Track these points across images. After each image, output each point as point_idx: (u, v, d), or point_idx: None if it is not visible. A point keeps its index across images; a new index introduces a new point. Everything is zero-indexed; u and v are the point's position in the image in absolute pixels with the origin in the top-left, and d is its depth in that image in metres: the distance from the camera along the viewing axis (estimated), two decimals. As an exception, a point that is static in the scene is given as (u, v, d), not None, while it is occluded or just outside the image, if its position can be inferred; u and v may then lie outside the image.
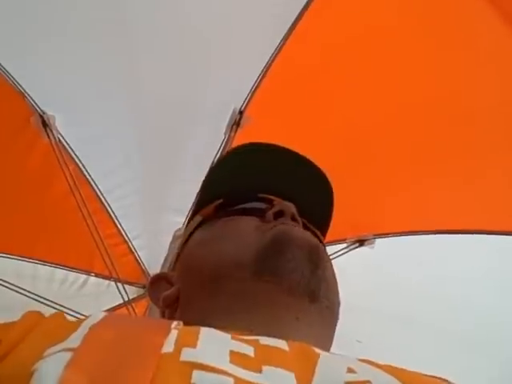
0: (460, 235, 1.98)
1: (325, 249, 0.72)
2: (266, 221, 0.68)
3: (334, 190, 0.79)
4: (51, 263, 2.32)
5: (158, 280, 0.74)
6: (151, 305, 1.88)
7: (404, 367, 0.49)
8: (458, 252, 2.03)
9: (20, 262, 2.24)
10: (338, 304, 0.66)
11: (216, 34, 1.74)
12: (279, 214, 0.68)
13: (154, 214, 2.26)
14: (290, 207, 0.69)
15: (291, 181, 0.76)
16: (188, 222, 0.80)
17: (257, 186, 0.75)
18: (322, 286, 0.61)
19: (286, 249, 0.61)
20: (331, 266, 0.68)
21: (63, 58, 1.77)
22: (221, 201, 0.75)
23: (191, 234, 0.75)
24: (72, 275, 2.39)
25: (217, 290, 0.62)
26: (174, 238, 2.10)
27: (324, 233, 0.79)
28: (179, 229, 1.96)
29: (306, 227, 0.70)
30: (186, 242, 0.75)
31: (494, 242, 1.93)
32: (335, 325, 0.65)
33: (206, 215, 0.75)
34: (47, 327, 0.47)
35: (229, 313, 0.57)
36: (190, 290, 0.66)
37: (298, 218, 0.69)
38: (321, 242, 0.73)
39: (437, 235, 2.02)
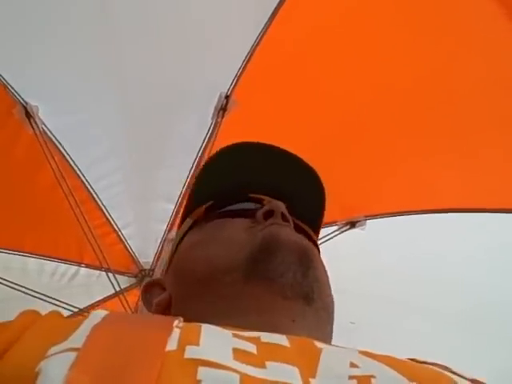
0: (452, 214, 1.99)
1: (317, 247, 0.72)
2: (256, 222, 0.67)
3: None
4: (40, 255, 2.31)
5: (151, 286, 0.74)
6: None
7: (401, 356, 0.49)
8: (451, 231, 2.04)
9: (8, 255, 2.23)
10: (332, 303, 0.66)
11: (200, 19, 1.72)
12: (269, 214, 0.67)
13: (142, 202, 2.25)
14: (280, 206, 0.68)
15: (281, 179, 0.75)
16: (179, 225, 0.79)
17: (247, 186, 0.74)
18: (315, 287, 0.60)
19: (275, 252, 0.61)
20: (322, 264, 0.67)
21: (44, 46, 1.74)
22: (211, 203, 0.74)
23: (183, 237, 0.74)
24: (62, 267, 2.38)
25: (209, 294, 0.61)
26: (168, 241, 2.10)
27: (317, 229, 0.79)
28: (172, 232, 1.97)
29: (296, 226, 0.70)
30: (177, 245, 0.74)
31: (487, 219, 1.94)
32: (332, 324, 0.65)
33: (196, 218, 0.74)
34: (45, 326, 0.46)
35: (222, 317, 0.55)
36: (182, 294, 0.66)
37: (289, 217, 0.68)
38: (312, 239, 0.72)
39: (428, 215, 2.02)
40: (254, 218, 0.67)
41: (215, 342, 0.45)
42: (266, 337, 0.48)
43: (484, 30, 1.60)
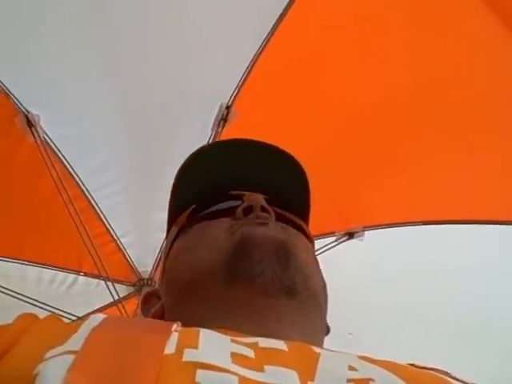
0: (449, 225, 1.99)
1: (306, 235, 0.72)
2: (236, 219, 0.67)
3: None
4: (39, 264, 2.31)
5: (149, 297, 0.74)
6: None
7: (401, 362, 0.49)
8: (448, 242, 2.04)
9: (8, 263, 2.23)
10: (323, 288, 0.65)
11: (201, 29, 1.73)
12: (249, 210, 0.67)
13: (141, 212, 2.25)
14: (259, 200, 0.68)
15: (260, 171, 0.75)
16: (167, 234, 0.79)
17: (227, 184, 0.74)
18: (298, 278, 0.60)
19: (251, 252, 0.60)
20: (308, 252, 0.67)
21: (46, 55, 1.75)
22: (193, 207, 0.74)
23: (171, 246, 0.74)
24: (61, 275, 2.38)
25: (195, 301, 0.62)
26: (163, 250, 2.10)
27: (305, 217, 0.78)
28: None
29: (280, 216, 0.69)
30: (167, 254, 0.74)
31: (483, 231, 1.94)
32: (324, 310, 0.65)
33: (181, 224, 0.74)
34: (44, 329, 0.46)
35: (211, 321, 0.56)
36: (172, 302, 0.66)
37: (269, 209, 0.67)
38: (301, 228, 0.72)
39: (426, 226, 2.02)
40: (235, 216, 0.67)
41: (214, 345, 0.45)
42: (264, 342, 0.48)
43: (485, 39, 1.60)
